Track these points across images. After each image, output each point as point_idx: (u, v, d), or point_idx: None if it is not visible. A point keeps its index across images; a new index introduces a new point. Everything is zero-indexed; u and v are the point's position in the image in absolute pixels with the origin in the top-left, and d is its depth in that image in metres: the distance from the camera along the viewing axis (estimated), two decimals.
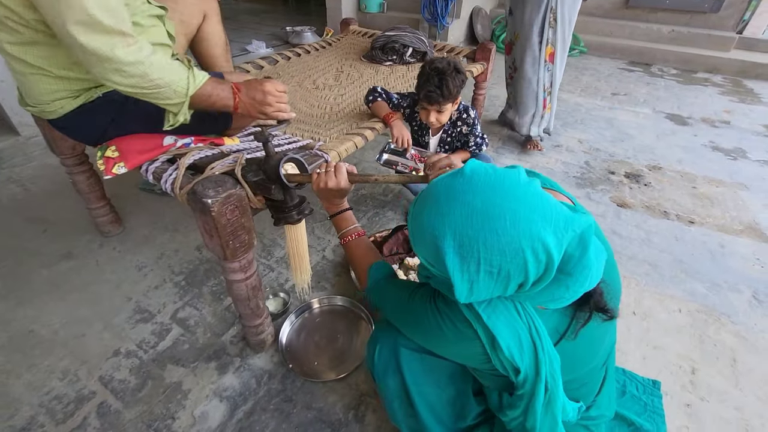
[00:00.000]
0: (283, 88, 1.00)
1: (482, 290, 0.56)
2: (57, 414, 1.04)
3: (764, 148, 2.51)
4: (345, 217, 0.93)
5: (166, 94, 0.86)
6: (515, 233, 0.51)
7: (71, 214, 1.70)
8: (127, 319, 1.29)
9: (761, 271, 1.54)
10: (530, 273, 0.53)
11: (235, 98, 0.95)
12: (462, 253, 0.53)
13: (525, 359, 0.61)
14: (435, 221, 0.55)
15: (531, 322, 0.61)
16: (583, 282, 0.57)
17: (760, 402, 1.10)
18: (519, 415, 0.67)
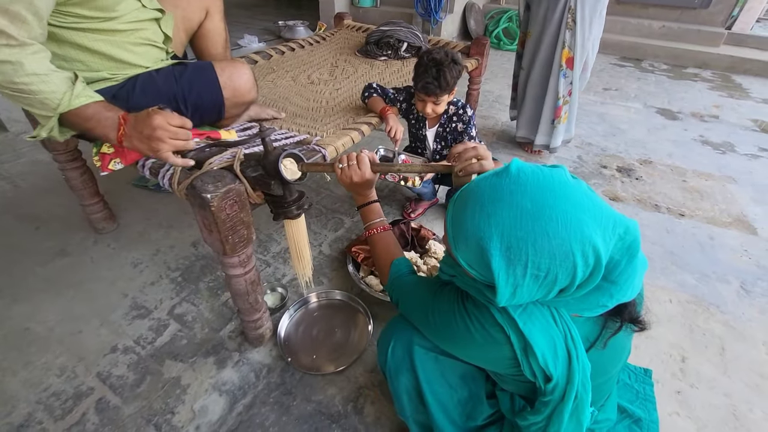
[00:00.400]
0: (178, 122, 0.85)
1: (525, 294, 0.54)
2: (55, 410, 1.04)
3: (752, 142, 2.55)
4: (372, 209, 0.94)
5: (31, 103, 0.81)
6: (567, 236, 0.49)
7: (64, 211, 1.69)
8: (123, 315, 1.29)
9: (749, 262, 1.58)
10: (576, 278, 0.52)
11: (120, 129, 0.86)
12: (509, 257, 0.51)
13: (559, 367, 0.60)
14: (480, 222, 0.53)
15: (567, 330, 0.60)
16: (626, 291, 0.56)
17: (747, 388, 1.14)
18: (541, 421, 0.66)
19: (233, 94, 1.09)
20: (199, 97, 1.06)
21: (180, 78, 1.05)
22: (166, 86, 1.04)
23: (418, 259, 1.44)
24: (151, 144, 0.84)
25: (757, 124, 2.80)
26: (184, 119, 0.87)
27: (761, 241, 1.69)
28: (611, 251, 0.53)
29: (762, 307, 1.38)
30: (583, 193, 0.53)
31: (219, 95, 1.08)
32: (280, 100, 1.49)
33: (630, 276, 0.55)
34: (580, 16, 1.80)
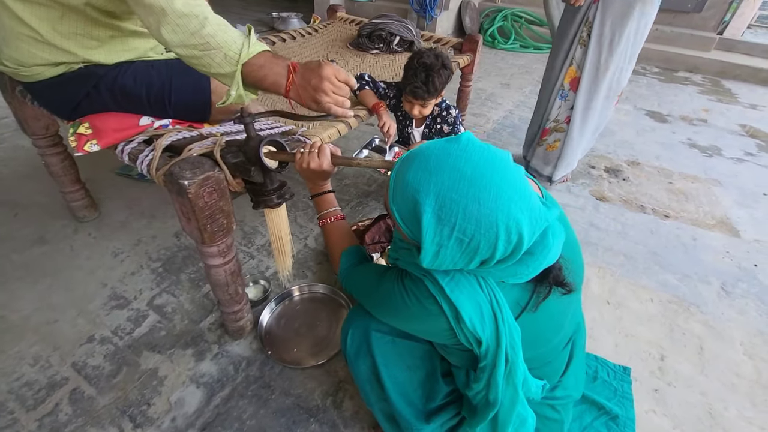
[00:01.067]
0: (344, 77, 0.85)
1: (447, 258, 0.57)
2: (27, 400, 1.02)
3: (738, 146, 2.59)
4: (326, 199, 0.94)
5: (216, 59, 0.78)
6: (495, 207, 0.52)
7: (44, 198, 1.65)
8: (102, 305, 1.26)
9: (730, 263, 1.60)
10: (498, 251, 0.54)
11: (289, 77, 0.83)
12: (440, 215, 0.54)
13: (486, 330, 0.63)
14: (421, 178, 0.55)
15: (492, 295, 0.63)
16: (542, 261, 0.60)
17: (723, 387, 1.15)
18: (482, 389, 0.69)
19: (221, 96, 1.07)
20: (188, 96, 1.04)
21: (174, 75, 1.03)
22: (159, 79, 1.00)
23: None
24: (316, 94, 0.83)
25: (745, 129, 2.84)
26: (349, 76, 0.86)
27: (743, 243, 1.71)
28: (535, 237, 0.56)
29: (741, 308, 1.40)
30: (521, 179, 0.56)
31: (207, 99, 1.05)
32: None
33: (545, 247, 0.59)
34: (598, 32, 1.53)
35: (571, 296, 0.72)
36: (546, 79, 1.80)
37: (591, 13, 1.53)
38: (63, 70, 0.94)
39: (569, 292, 0.67)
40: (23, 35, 0.87)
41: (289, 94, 0.84)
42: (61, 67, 0.94)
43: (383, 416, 0.86)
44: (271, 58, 0.83)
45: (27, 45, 0.89)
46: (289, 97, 0.85)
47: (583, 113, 1.71)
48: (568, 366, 0.83)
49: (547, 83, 1.78)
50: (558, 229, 0.61)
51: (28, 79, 0.96)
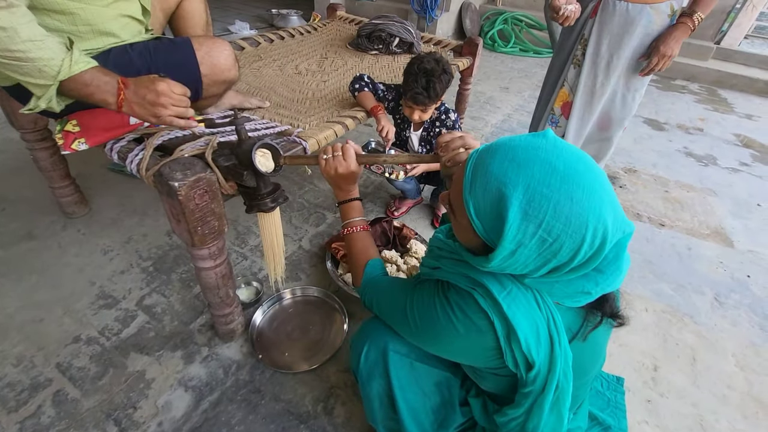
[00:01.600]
0: (181, 90, 0.85)
1: (521, 259, 0.53)
2: (9, 402, 0.99)
3: (733, 156, 2.60)
4: (354, 206, 0.91)
5: (28, 71, 0.75)
6: (588, 206, 0.49)
7: (33, 193, 1.61)
8: (89, 304, 1.24)
9: (724, 274, 1.60)
10: (578, 255, 0.51)
11: (120, 94, 0.82)
12: (528, 210, 0.50)
13: (541, 353, 0.59)
14: (508, 169, 0.51)
15: (550, 315, 0.59)
16: (611, 281, 0.56)
17: (715, 399, 1.15)
18: (521, 415, 0.65)
19: (212, 70, 1.04)
20: (175, 72, 1.00)
21: (155, 52, 1.00)
22: (141, 60, 0.98)
23: (399, 258, 1.42)
24: (153, 109, 0.83)
25: (740, 139, 2.86)
26: (185, 88, 0.86)
27: (737, 253, 1.72)
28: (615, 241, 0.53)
29: (734, 320, 1.40)
30: (607, 181, 0.53)
31: (196, 71, 1.02)
32: (264, 89, 1.45)
33: (617, 268, 0.56)
34: (593, 51, 1.37)
35: (609, 329, 0.68)
36: (539, 97, 1.68)
37: (587, 29, 1.37)
38: None
39: (620, 324, 0.64)
40: None
41: (122, 109, 0.83)
42: None
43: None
44: (98, 75, 0.81)
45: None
46: (123, 112, 0.84)
47: (574, 143, 1.53)
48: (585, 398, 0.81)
49: (539, 103, 1.67)
50: (628, 256, 0.57)
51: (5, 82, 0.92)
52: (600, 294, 0.58)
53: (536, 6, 4.78)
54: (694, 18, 1.28)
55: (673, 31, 1.30)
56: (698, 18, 1.27)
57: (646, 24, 1.32)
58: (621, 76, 1.42)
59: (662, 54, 1.32)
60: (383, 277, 0.86)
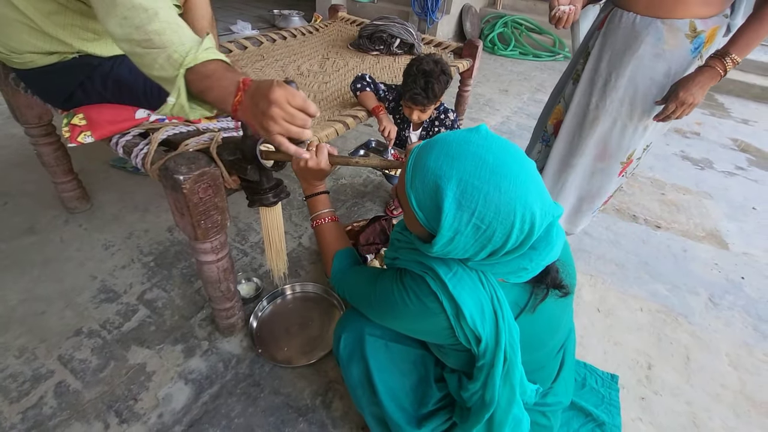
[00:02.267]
0: (301, 102, 0.69)
1: (460, 245, 0.58)
2: (11, 392, 1.00)
3: (729, 159, 2.63)
4: (320, 199, 0.93)
5: (159, 59, 0.69)
6: (515, 195, 0.54)
7: (35, 188, 1.63)
8: (91, 298, 1.25)
9: (718, 275, 1.62)
10: (510, 240, 0.56)
11: (237, 95, 0.70)
12: (461, 201, 0.55)
13: (486, 327, 0.64)
14: (443, 164, 0.56)
15: (493, 292, 0.64)
16: (545, 257, 0.61)
17: (708, 397, 1.17)
18: (479, 389, 0.69)
19: None
20: None
21: None
22: None
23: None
24: (262, 121, 0.69)
25: (736, 143, 2.89)
26: (307, 103, 0.70)
27: (732, 255, 1.74)
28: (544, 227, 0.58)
29: (727, 320, 1.42)
30: (535, 171, 0.58)
31: None
32: None
33: (548, 243, 0.61)
34: (592, 67, 1.21)
35: (566, 301, 0.73)
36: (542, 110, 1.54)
37: (592, 42, 1.22)
38: (56, 59, 0.93)
39: (565, 294, 0.68)
40: (17, 21, 0.86)
41: (237, 114, 0.72)
42: (55, 56, 0.93)
43: (374, 420, 0.86)
44: (222, 70, 0.72)
45: (20, 32, 0.88)
46: (237, 117, 0.74)
47: (560, 167, 1.37)
48: (559, 372, 0.84)
49: (539, 117, 1.53)
50: (560, 230, 0.63)
51: (21, 66, 0.94)
52: (538, 269, 0.63)
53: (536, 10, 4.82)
54: (725, 61, 1.01)
55: (698, 76, 1.03)
56: (732, 61, 1.01)
57: (654, 43, 1.09)
58: (624, 103, 1.18)
59: (681, 101, 1.05)
60: (352, 267, 0.89)
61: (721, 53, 1.02)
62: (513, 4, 4.90)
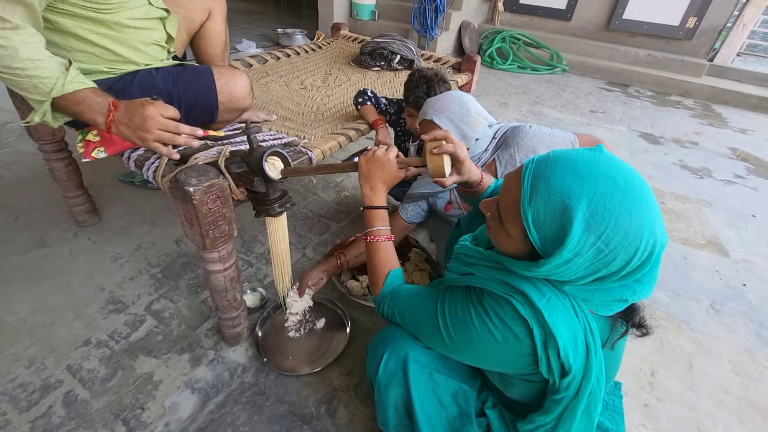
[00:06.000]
0: (171, 113, 0.88)
1: (572, 268, 0.55)
2: (21, 402, 1.02)
3: (728, 168, 2.65)
4: (381, 214, 0.87)
5: (25, 86, 0.82)
6: (644, 220, 0.52)
7: (45, 203, 1.67)
8: (99, 309, 1.27)
9: (719, 282, 1.63)
10: (628, 266, 0.54)
11: (109, 115, 0.87)
12: (590, 223, 0.52)
13: (578, 360, 0.60)
14: (572, 182, 0.53)
15: (587, 324, 0.61)
16: (646, 291, 0.59)
17: (712, 403, 1.17)
18: (550, 421, 0.65)
19: (228, 99, 1.11)
20: (194, 98, 1.07)
21: (177, 78, 1.06)
22: (164, 84, 1.05)
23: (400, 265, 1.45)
24: (139, 133, 0.86)
25: (735, 153, 2.92)
26: (174, 111, 0.89)
27: (732, 262, 1.75)
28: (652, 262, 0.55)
29: (729, 326, 1.42)
30: (653, 195, 0.56)
31: (214, 99, 1.09)
32: (271, 104, 1.51)
33: (652, 278, 0.59)
34: None
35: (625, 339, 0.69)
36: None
37: None
38: None
39: (645, 334, 0.65)
40: None
41: (111, 130, 0.88)
42: None
43: None
44: (90, 95, 0.86)
45: None
46: (111, 133, 0.89)
47: None
48: None
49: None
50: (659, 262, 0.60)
51: None
52: (636, 300, 0.60)
53: (533, 25, 4.93)
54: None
55: None
56: None
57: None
58: None
59: None
60: (404, 285, 0.84)
61: None
62: (510, 20, 5.02)
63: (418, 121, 1.24)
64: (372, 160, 0.83)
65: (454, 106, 1.15)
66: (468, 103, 1.18)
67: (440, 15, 3.94)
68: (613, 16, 4.46)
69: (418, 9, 3.97)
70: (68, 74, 0.84)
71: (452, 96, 1.19)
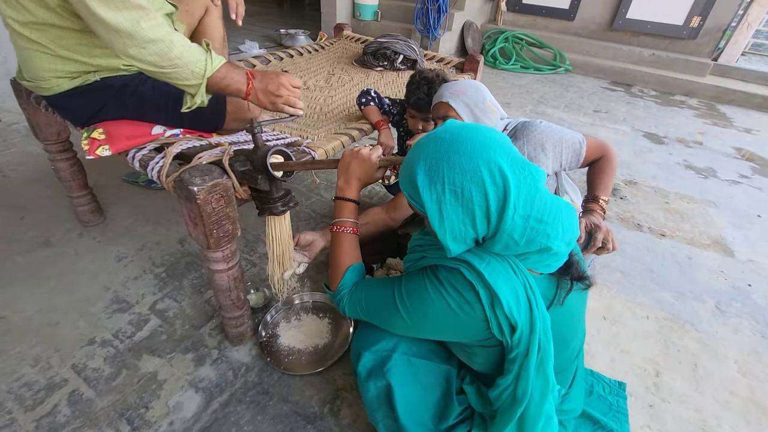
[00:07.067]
0: (298, 83, 1.01)
1: (451, 214, 0.63)
2: (26, 401, 1.02)
3: (733, 168, 2.64)
4: (349, 206, 0.89)
5: (184, 75, 0.87)
6: (474, 155, 0.60)
7: (50, 203, 1.68)
8: (104, 308, 1.28)
9: (725, 283, 1.62)
10: (490, 196, 0.60)
11: (248, 84, 0.95)
12: (430, 174, 0.63)
13: (522, 314, 0.64)
14: (412, 157, 0.66)
15: (525, 280, 0.66)
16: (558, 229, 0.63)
17: (717, 404, 1.16)
18: (510, 383, 0.69)
19: (236, 108, 1.12)
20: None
21: None
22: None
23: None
24: (273, 99, 0.98)
25: (740, 153, 2.90)
26: (299, 81, 1.02)
27: (737, 263, 1.74)
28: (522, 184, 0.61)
29: (735, 327, 1.42)
30: (501, 136, 0.64)
31: (223, 107, 1.10)
32: None
33: (556, 214, 0.63)
34: None
35: (583, 298, 0.74)
36: None
37: None
38: (79, 83, 0.99)
39: (588, 286, 0.70)
40: (37, 51, 0.93)
41: (249, 97, 0.97)
42: (78, 79, 0.98)
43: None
44: (231, 69, 0.94)
45: (40, 60, 0.94)
46: (249, 99, 0.97)
47: None
48: (574, 377, 0.84)
49: None
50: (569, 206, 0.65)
51: (48, 92, 1.00)
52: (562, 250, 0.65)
53: (536, 25, 4.92)
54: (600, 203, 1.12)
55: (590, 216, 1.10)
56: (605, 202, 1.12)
57: None
58: None
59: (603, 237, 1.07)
60: (364, 280, 0.86)
61: (593, 198, 1.13)
62: (513, 20, 5.01)
63: (433, 104, 1.25)
64: (354, 155, 0.87)
65: (470, 92, 1.17)
66: (484, 91, 1.20)
67: (443, 15, 3.94)
68: (617, 15, 4.44)
69: (421, 9, 3.97)
70: (211, 53, 0.90)
71: (469, 82, 1.21)
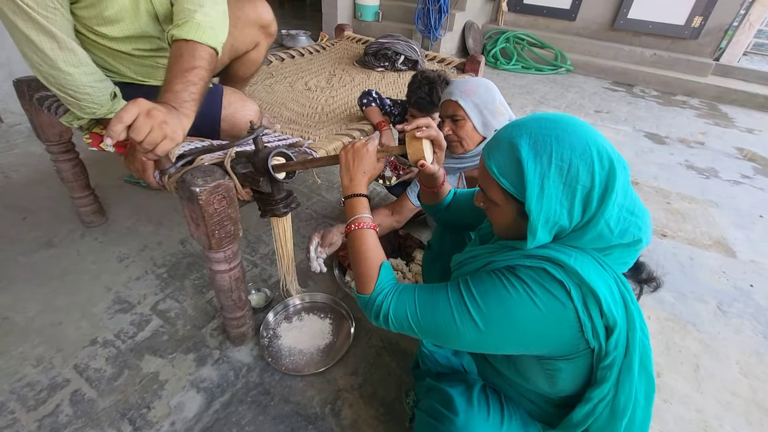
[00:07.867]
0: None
1: (552, 191, 0.57)
2: (28, 401, 1.03)
3: (735, 168, 2.63)
4: (363, 201, 0.79)
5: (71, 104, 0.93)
6: (582, 135, 0.58)
7: (53, 203, 1.68)
8: (105, 309, 1.28)
9: (726, 283, 1.62)
10: (596, 176, 0.56)
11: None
12: (536, 148, 0.58)
13: (619, 311, 0.59)
14: (512, 130, 0.62)
15: (615, 274, 0.60)
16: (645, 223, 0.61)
17: (719, 405, 1.16)
18: (608, 391, 0.61)
19: (231, 126, 1.12)
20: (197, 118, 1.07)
21: None
22: None
23: (404, 266, 1.46)
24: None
25: (742, 153, 2.89)
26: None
27: (739, 263, 1.73)
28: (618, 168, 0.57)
29: (737, 328, 1.41)
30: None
31: (216, 122, 1.10)
32: (275, 105, 1.52)
33: (642, 209, 0.61)
34: None
35: None
36: None
37: None
38: None
39: (656, 288, 0.69)
40: None
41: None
42: None
43: None
44: None
45: None
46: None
47: None
48: None
49: None
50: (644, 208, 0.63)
51: None
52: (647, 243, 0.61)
53: (537, 25, 4.92)
54: None
55: None
56: None
57: None
58: None
59: None
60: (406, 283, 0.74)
61: None
62: (514, 20, 5.01)
63: (441, 101, 1.25)
64: (352, 152, 0.80)
65: (481, 91, 1.16)
66: (494, 92, 1.19)
67: (444, 15, 3.94)
68: (618, 15, 4.44)
69: (422, 10, 3.97)
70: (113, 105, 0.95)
71: (480, 81, 1.19)
